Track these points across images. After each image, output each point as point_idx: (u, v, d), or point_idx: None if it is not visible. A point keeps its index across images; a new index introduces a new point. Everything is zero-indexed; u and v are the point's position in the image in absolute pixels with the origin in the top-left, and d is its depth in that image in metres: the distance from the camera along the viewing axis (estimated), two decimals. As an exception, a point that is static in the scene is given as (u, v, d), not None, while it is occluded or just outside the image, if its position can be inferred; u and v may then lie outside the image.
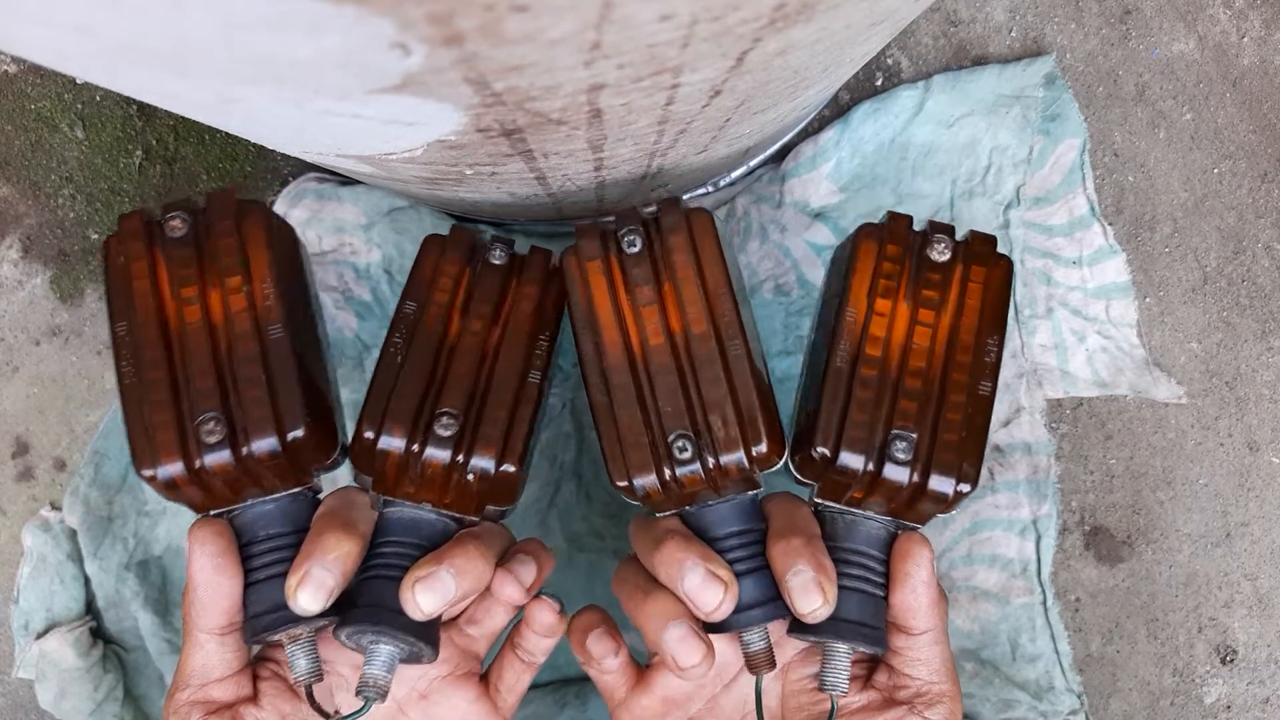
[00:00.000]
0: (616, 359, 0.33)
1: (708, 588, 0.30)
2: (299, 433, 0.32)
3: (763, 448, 0.32)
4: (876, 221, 0.37)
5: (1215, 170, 0.53)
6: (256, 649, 0.36)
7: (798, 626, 0.33)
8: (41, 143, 0.53)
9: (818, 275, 0.52)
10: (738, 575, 0.32)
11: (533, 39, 0.19)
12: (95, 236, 0.53)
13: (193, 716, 0.32)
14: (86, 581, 0.52)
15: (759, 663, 0.34)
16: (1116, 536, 0.54)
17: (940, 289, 0.35)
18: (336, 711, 0.35)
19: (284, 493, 0.33)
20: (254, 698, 0.33)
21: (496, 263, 0.37)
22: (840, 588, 0.33)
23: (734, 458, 0.32)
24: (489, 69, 0.20)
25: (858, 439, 0.33)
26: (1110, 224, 0.53)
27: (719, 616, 0.31)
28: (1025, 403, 0.52)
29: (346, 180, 0.51)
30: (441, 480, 0.33)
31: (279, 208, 0.51)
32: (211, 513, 0.33)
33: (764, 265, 0.52)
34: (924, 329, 0.34)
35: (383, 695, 0.32)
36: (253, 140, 0.37)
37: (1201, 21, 0.53)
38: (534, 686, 0.52)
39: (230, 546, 0.32)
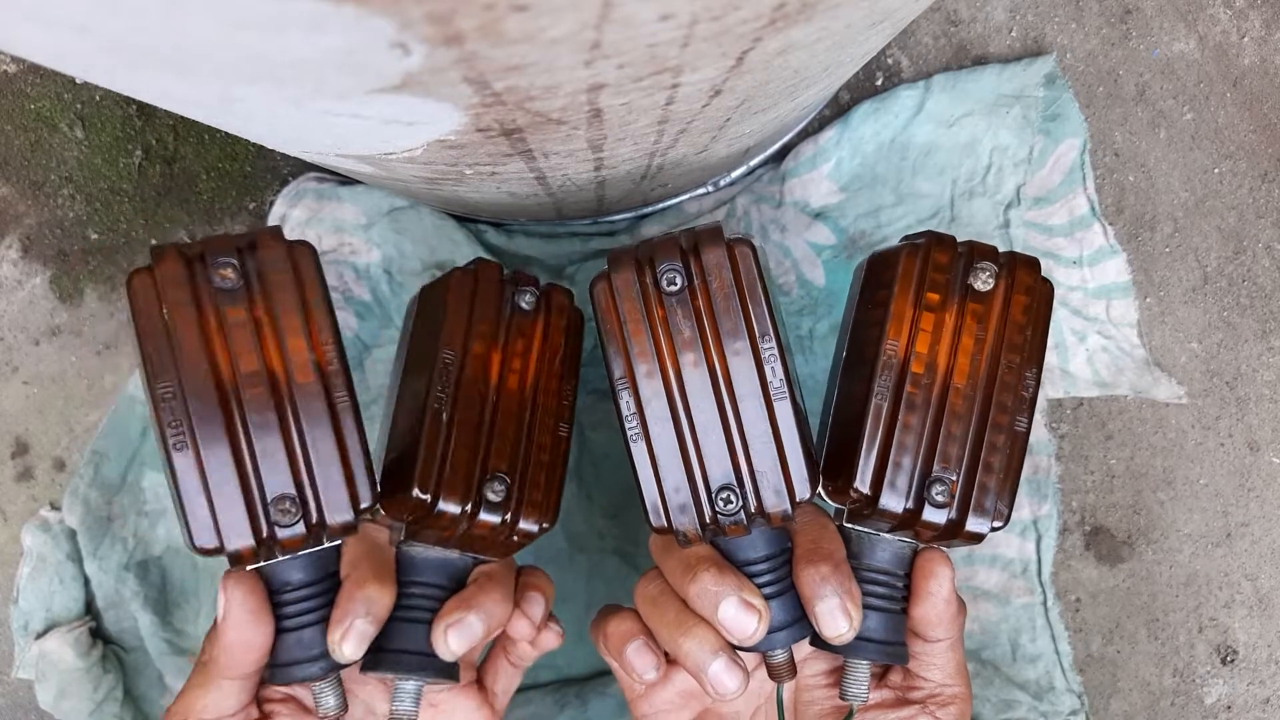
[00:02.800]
0: (659, 408, 0.32)
1: (743, 617, 0.31)
2: (367, 504, 0.32)
3: (806, 494, 0.32)
4: (915, 238, 0.35)
5: (1215, 170, 0.53)
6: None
7: (821, 642, 0.34)
8: (41, 142, 0.53)
9: (818, 275, 0.52)
10: (767, 599, 0.33)
11: (533, 39, 0.19)
12: (95, 236, 0.53)
13: None
14: (86, 582, 0.52)
15: (781, 673, 0.34)
16: (1117, 536, 0.54)
17: (983, 321, 0.33)
18: None
19: (318, 546, 0.33)
20: (265, 718, 0.34)
21: (527, 307, 0.36)
22: (871, 608, 0.34)
23: (779, 509, 0.32)
24: (489, 69, 0.20)
25: (899, 483, 0.32)
26: (1110, 224, 0.53)
27: (751, 643, 0.32)
28: (1025, 403, 0.52)
29: (346, 180, 0.51)
30: (486, 537, 0.34)
31: (279, 208, 0.51)
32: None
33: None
34: (965, 364, 0.33)
35: None
36: (253, 140, 0.37)
37: (1202, 21, 0.53)
38: (534, 686, 0.52)
39: (264, 599, 0.32)
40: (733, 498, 0.32)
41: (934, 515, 0.32)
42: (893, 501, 0.32)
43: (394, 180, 0.40)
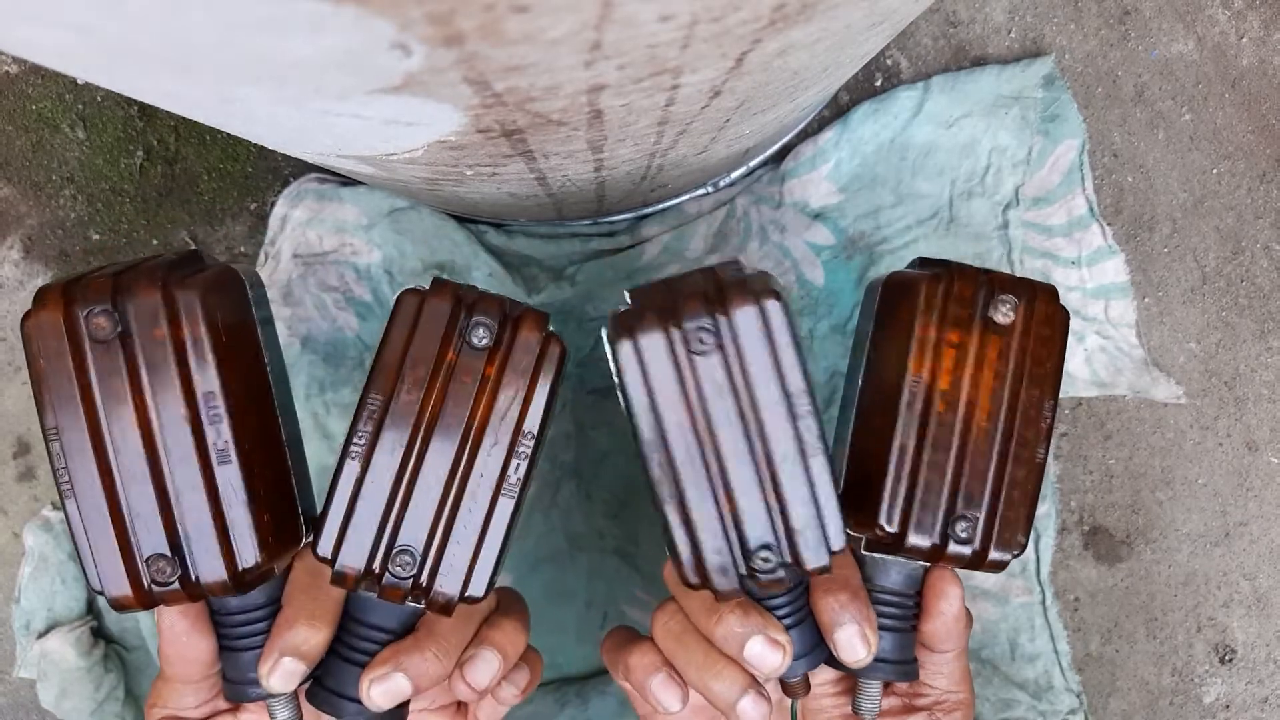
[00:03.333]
0: (695, 471, 0.31)
1: (769, 654, 0.32)
2: (251, 564, 0.30)
3: (842, 546, 0.32)
4: (934, 266, 0.34)
5: (1214, 170, 0.53)
6: None
7: (837, 664, 0.35)
8: (42, 143, 0.53)
9: (817, 275, 0.52)
10: (788, 629, 0.33)
11: (533, 39, 0.19)
12: (97, 237, 0.54)
13: None
14: (87, 581, 0.52)
15: (796, 690, 0.35)
16: (1115, 536, 0.54)
17: (1004, 354, 0.33)
18: None
19: (228, 596, 0.32)
20: (232, 710, 0.34)
21: (478, 345, 0.31)
22: (884, 629, 0.35)
23: (818, 565, 0.32)
24: (489, 69, 0.20)
25: (924, 521, 0.33)
26: (1109, 224, 0.53)
27: (776, 676, 0.32)
28: (1025, 403, 0.52)
29: (347, 180, 0.51)
30: (398, 599, 0.32)
31: (280, 208, 0.52)
32: None
33: (763, 266, 0.52)
34: (987, 399, 0.33)
35: None
36: (253, 140, 0.37)
37: (1200, 22, 0.53)
38: (534, 686, 0.52)
39: (199, 616, 0.32)
40: (771, 557, 0.31)
41: (958, 550, 0.33)
42: (919, 540, 0.33)
43: (394, 181, 0.40)
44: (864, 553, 0.35)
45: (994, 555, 0.33)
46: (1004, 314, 0.33)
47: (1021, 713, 0.52)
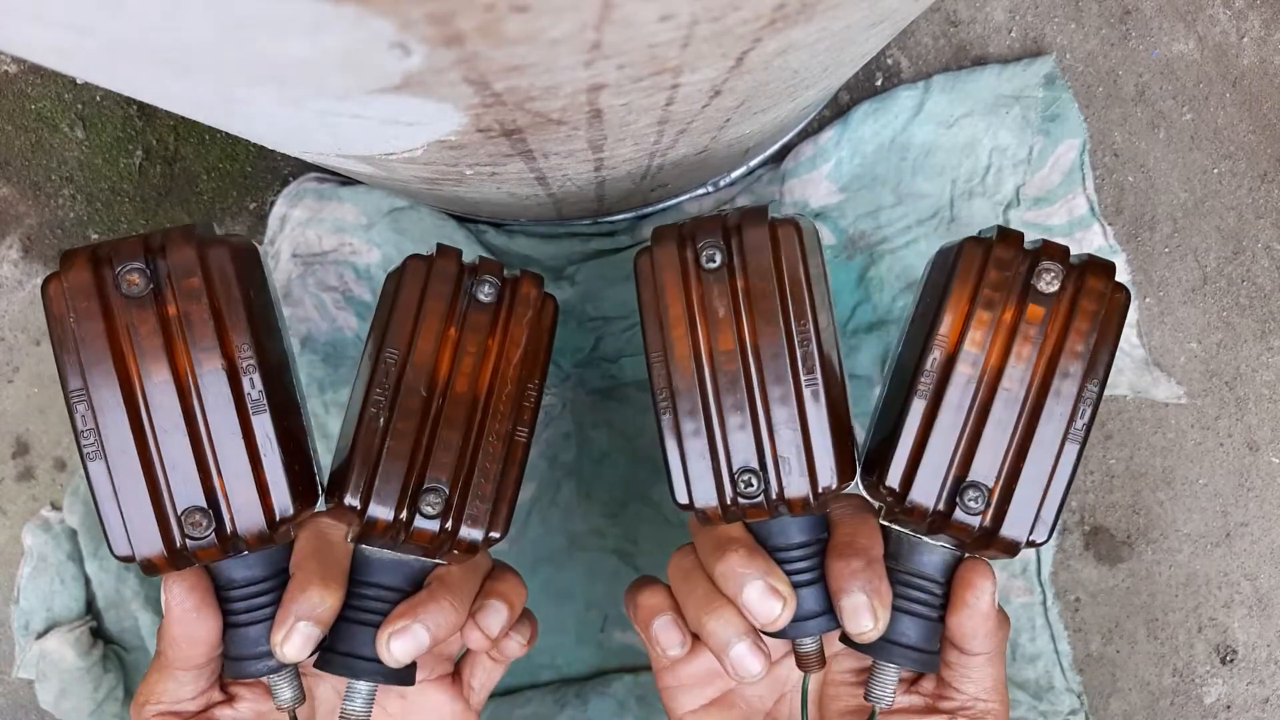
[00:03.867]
0: (686, 382, 0.32)
1: (767, 601, 0.31)
2: (288, 513, 0.31)
3: (831, 484, 0.32)
4: (980, 235, 0.34)
5: (1215, 170, 0.53)
6: None
7: (849, 640, 0.34)
8: (42, 143, 0.53)
9: (818, 275, 0.52)
10: (798, 585, 0.32)
11: (533, 39, 0.19)
12: (96, 237, 0.53)
13: None
14: (87, 581, 0.52)
15: (809, 663, 0.34)
16: (1116, 536, 0.54)
17: (1043, 325, 0.32)
18: None
19: (262, 549, 0.32)
20: (228, 700, 0.34)
21: (485, 300, 0.33)
22: (895, 609, 0.33)
23: (800, 495, 0.32)
24: (489, 69, 0.20)
25: (930, 483, 0.32)
26: (1110, 224, 0.53)
27: (776, 628, 0.32)
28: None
29: (346, 180, 0.51)
30: (427, 543, 0.33)
31: (279, 208, 0.52)
32: None
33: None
34: (1018, 368, 0.32)
35: None
36: (253, 140, 0.37)
37: (1201, 22, 0.53)
38: (534, 686, 0.52)
39: (207, 594, 0.32)
40: (754, 480, 0.31)
41: (965, 518, 0.32)
42: (922, 501, 0.32)
43: (394, 180, 0.40)
44: (884, 523, 0.34)
45: (1008, 530, 0.32)
46: (1047, 283, 0.32)
47: (1022, 713, 0.52)
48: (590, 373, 0.52)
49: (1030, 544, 0.32)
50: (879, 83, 0.53)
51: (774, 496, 0.32)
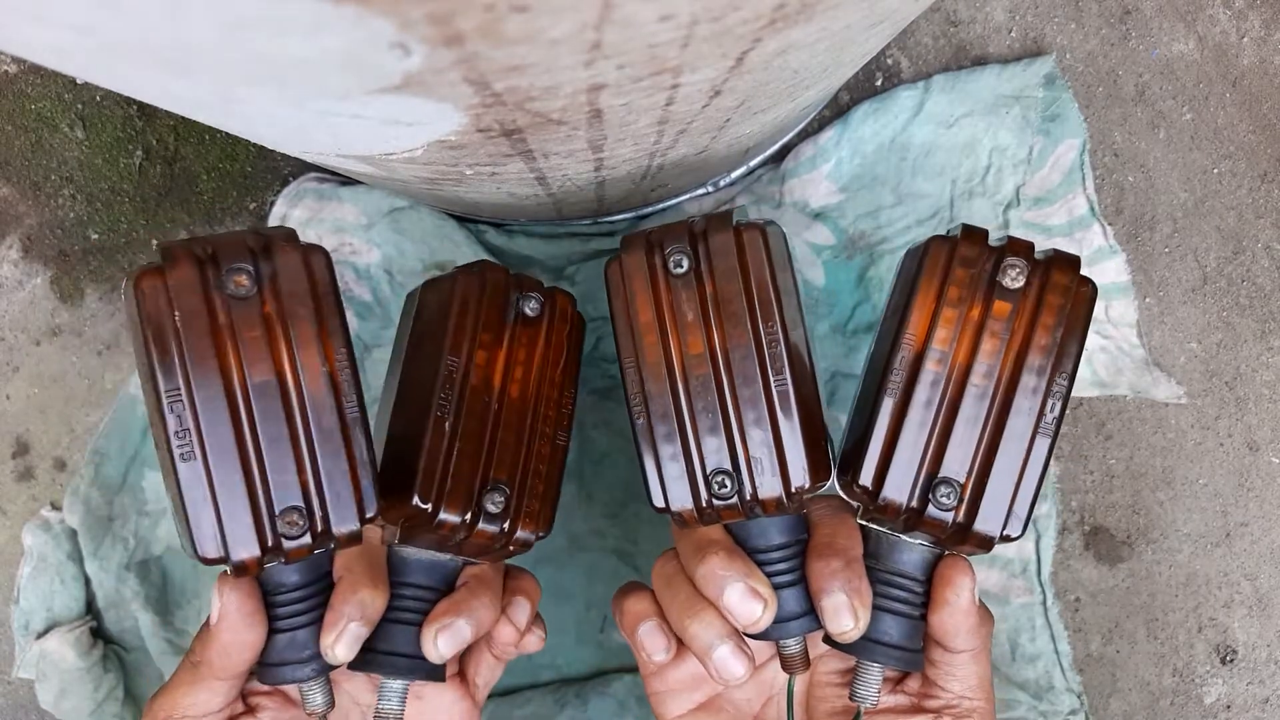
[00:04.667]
0: (658, 387, 0.33)
1: (747, 603, 0.31)
2: (374, 513, 0.31)
3: (804, 483, 0.32)
4: (947, 234, 0.34)
5: (1215, 170, 0.53)
6: None
7: (831, 640, 0.34)
8: (42, 143, 0.53)
9: (817, 275, 0.52)
10: (779, 587, 0.33)
11: (533, 39, 0.19)
12: (96, 237, 0.53)
13: None
14: (87, 581, 0.52)
15: (794, 665, 0.34)
16: (1116, 536, 0.54)
17: (1009, 321, 0.32)
18: None
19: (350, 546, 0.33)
20: (249, 711, 0.34)
21: (531, 314, 0.36)
22: (877, 609, 0.33)
23: (773, 495, 0.32)
24: (489, 69, 0.20)
25: (902, 480, 0.32)
26: (1110, 224, 0.53)
27: (758, 630, 0.32)
28: (1025, 403, 0.52)
29: (346, 180, 0.51)
30: (482, 545, 0.34)
31: (279, 208, 0.52)
32: None
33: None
34: (986, 364, 0.32)
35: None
36: (253, 140, 0.37)
37: (1201, 21, 0.53)
38: (534, 686, 0.52)
39: (260, 602, 0.32)
40: (727, 482, 0.32)
41: (938, 514, 0.32)
42: (895, 498, 0.32)
43: (394, 180, 0.40)
44: (872, 528, 0.34)
45: (981, 525, 0.32)
46: (1012, 279, 0.32)
47: (1022, 713, 0.52)
48: (590, 373, 0.52)
49: (1005, 539, 0.32)
50: (879, 83, 0.53)
51: (748, 498, 0.32)
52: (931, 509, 0.32)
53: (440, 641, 0.33)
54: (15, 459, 0.54)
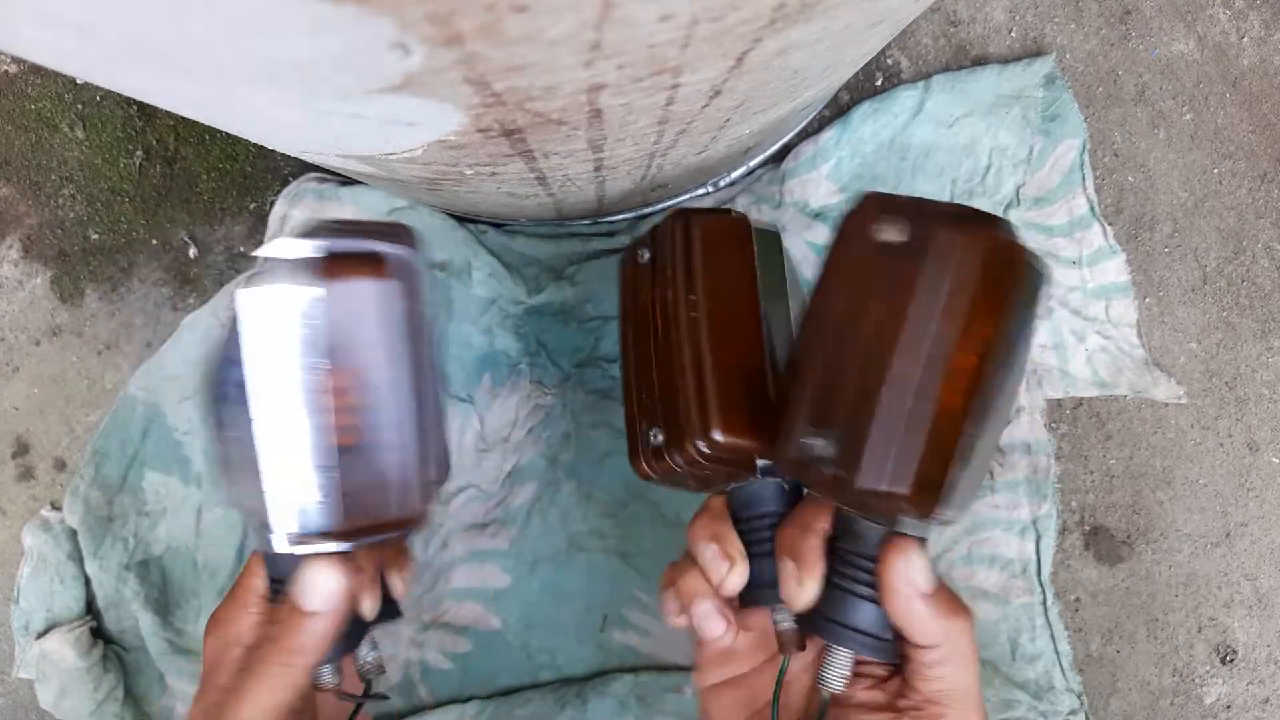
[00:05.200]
0: (629, 357, 0.38)
1: (717, 562, 0.33)
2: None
3: (718, 436, 0.34)
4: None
5: (1215, 170, 0.53)
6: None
7: (801, 620, 0.34)
8: (42, 143, 0.53)
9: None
10: (760, 555, 0.34)
11: (533, 39, 0.19)
12: (96, 237, 0.53)
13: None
14: (87, 581, 0.52)
15: (786, 642, 0.34)
16: (1116, 536, 0.54)
17: (894, 279, 0.30)
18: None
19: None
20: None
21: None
22: (841, 589, 0.32)
23: (693, 444, 0.34)
24: (489, 69, 0.20)
25: (793, 433, 0.31)
26: (1110, 224, 0.53)
27: (728, 591, 0.34)
28: (1025, 402, 0.52)
29: (346, 180, 0.51)
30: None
31: (279, 208, 0.51)
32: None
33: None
34: (872, 322, 0.30)
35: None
36: (254, 140, 0.37)
37: (1201, 22, 0.53)
38: (534, 686, 0.52)
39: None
40: (658, 435, 0.36)
41: (821, 471, 0.30)
42: (788, 454, 0.31)
43: (394, 180, 0.40)
44: (842, 508, 0.33)
45: (861, 484, 0.30)
46: (893, 234, 0.30)
47: (1022, 713, 0.52)
48: (590, 373, 0.52)
49: (892, 496, 0.30)
50: (879, 83, 0.53)
51: (671, 447, 0.35)
52: (814, 466, 0.30)
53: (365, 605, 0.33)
54: (15, 459, 0.54)
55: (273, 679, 0.31)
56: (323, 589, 0.31)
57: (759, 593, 0.34)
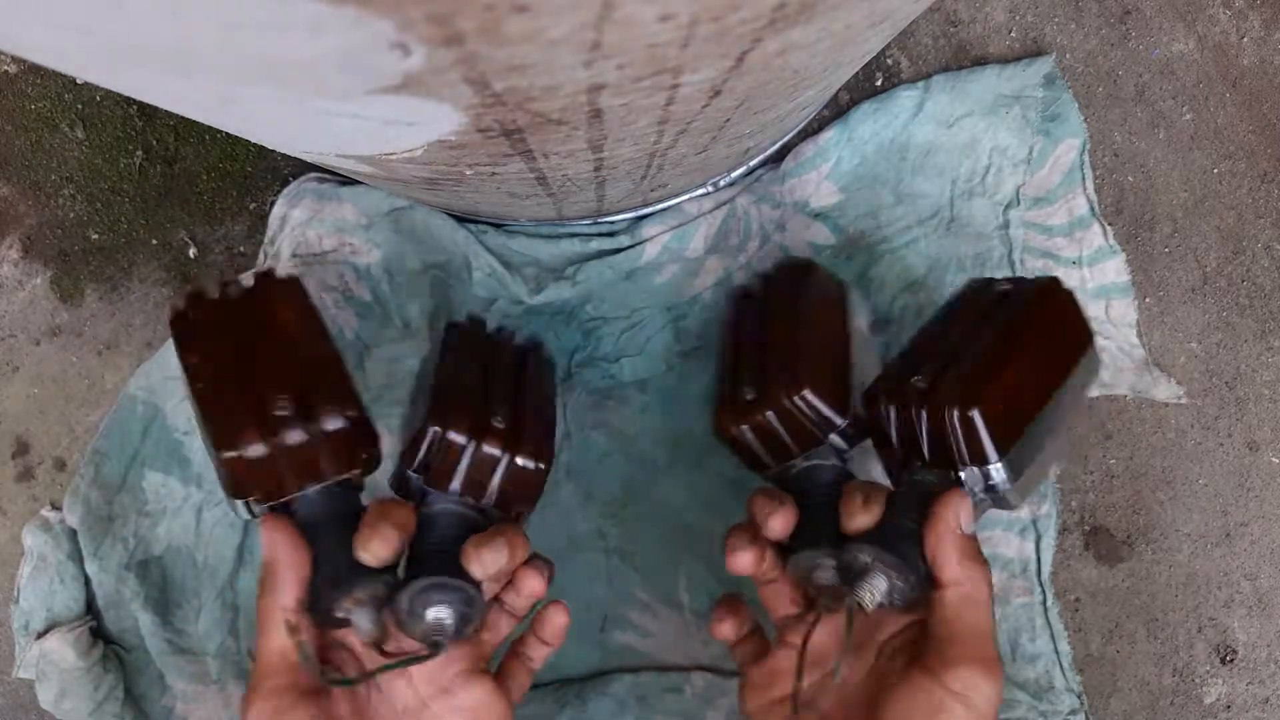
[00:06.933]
0: (737, 342, 0.45)
1: (767, 504, 0.38)
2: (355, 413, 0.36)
3: (808, 394, 0.39)
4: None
5: (1215, 170, 0.53)
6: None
7: (842, 570, 0.36)
8: (42, 143, 0.53)
9: (817, 275, 0.52)
10: (814, 521, 0.38)
11: (533, 39, 0.19)
12: (96, 237, 0.53)
13: (285, 697, 0.34)
14: (86, 581, 0.52)
15: (824, 595, 0.36)
16: (1116, 536, 0.54)
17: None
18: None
19: (334, 479, 0.36)
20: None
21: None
22: (895, 526, 0.35)
23: (787, 397, 0.39)
24: (489, 69, 0.20)
25: (891, 377, 0.40)
26: (1110, 224, 0.53)
27: (773, 531, 0.37)
28: (1025, 403, 0.52)
29: (346, 180, 0.51)
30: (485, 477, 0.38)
31: (279, 208, 0.52)
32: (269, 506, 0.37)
33: (764, 265, 0.52)
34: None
35: (448, 637, 0.36)
36: (253, 140, 0.37)
37: (1201, 21, 0.53)
38: (534, 686, 0.52)
39: (298, 530, 0.36)
40: (750, 392, 0.41)
41: (914, 391, 0.38)
42: (886, 385, 0.39)
43: (394, 180, 0.40)
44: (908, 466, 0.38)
45: (944, 402, 0.36)
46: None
47: (1022, 713, 0.52)
48: (590, 373, 0.52)
49: (971, 423, 0.35)
50: (879, 83, 0.53)
51: (765, 398, 0.41)
52: (909, 389, 0.37)
53: (484, 551, 0.35)
54: (15, 459, 0.54)
55: (265, 632, 0.35)
56: (263, 541, 0.36)
57: (807, 540, 0.37)
